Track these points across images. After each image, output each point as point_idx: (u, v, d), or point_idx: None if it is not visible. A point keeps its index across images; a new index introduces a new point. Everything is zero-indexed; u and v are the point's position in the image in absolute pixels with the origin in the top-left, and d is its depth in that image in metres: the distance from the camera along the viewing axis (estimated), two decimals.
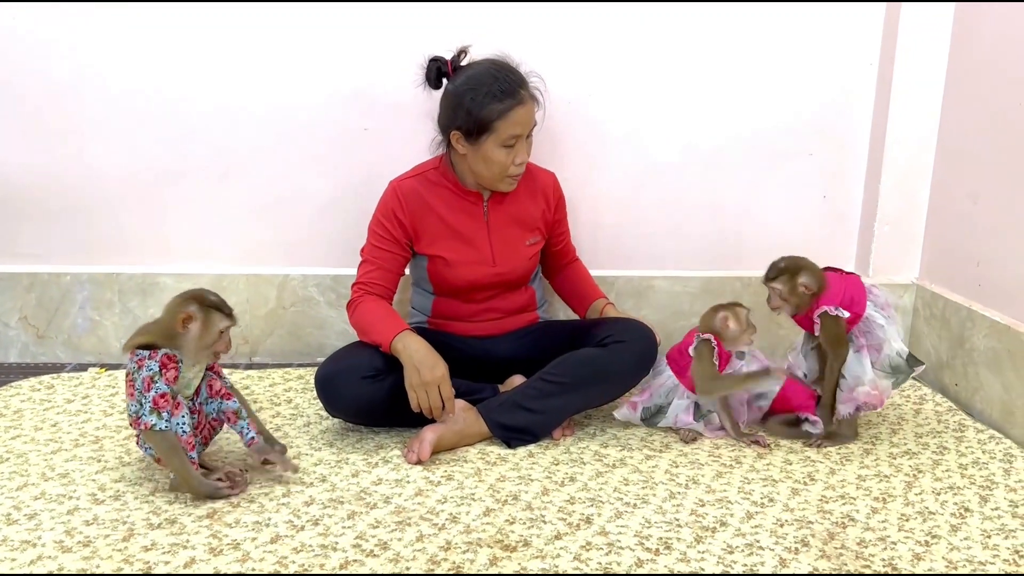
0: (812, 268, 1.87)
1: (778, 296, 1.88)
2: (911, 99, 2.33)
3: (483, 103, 1.83)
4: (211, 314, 1.62)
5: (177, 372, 1.59)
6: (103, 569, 1.39)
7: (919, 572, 1.43)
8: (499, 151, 1.87)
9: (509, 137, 1.86)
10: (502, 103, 1.83)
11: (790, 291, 1.86)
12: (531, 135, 1.92)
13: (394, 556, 1.44)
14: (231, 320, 1.66)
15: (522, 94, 1.86)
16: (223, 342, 1.65)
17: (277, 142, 2.32)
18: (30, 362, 2.39)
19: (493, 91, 1.83)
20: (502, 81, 1.85)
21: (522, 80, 1.88)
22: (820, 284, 1.85)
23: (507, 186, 1.95)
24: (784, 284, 1.87)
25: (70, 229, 2.35)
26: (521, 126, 1.86)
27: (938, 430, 2.02)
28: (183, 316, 1.60)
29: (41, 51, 2.23)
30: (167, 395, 1.56)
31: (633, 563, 1.44)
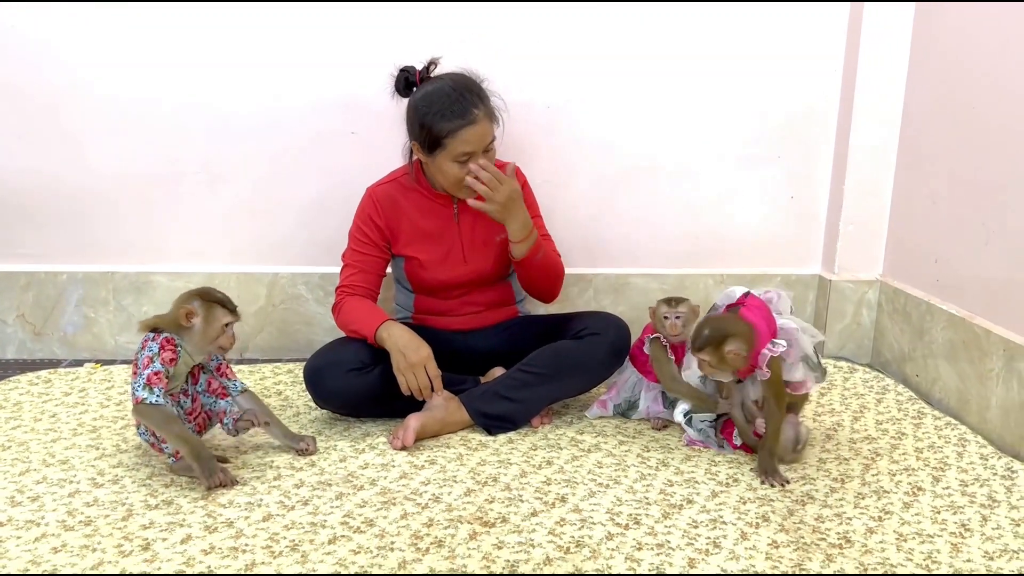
0: (735, 329, 1.72)
1: (707, 367, 1.76)
2: (874, 105, 2.44)
3: (435, 121, 1.91)
4: (213, 309, 1.72)
5: (175, 356, 1.68)
6: (104, 545, 1.47)
7: (870, 544, 1.53)
8: (452, 165, 1.95)
9: (460, 154, 1.93)
10: (451, 123, 1.90)
11: (719, 360, 1.73)
12: (491, 150, 1.97)
13: (380, 532, 1.53)
14: (234, 315, 1.75)
15: (474, 114, 1.91)
16: (227, 336, 1.75)
17: (266, 146, 2.41)
18: (27, 358, 2.46)
19: (444, 111, 1.91)
20: (455, 101, 1.91)
21: (476, 100, 1.93)
22: (748, 342, 1.72)
23: (467, 194, 2.01)
24: (711, 355, 1.74)
25: (66, 229, 2.43)
26: (472, 144, 1.92)
27: (898, 417, 2.12)
28: (185, 311, 1.70)
29: (37, 57, 2.31)
30: (161, 374, 1.66)
31: (604, 536, 1.53)
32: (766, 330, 1.75)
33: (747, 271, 2.59)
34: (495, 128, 1.98)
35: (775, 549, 1.50)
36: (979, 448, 1.94)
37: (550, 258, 2.12)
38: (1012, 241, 2.00)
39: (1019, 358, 1.92)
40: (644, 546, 1.50)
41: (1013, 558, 1.50)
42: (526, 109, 2.42)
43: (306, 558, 1.44)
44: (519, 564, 1.44)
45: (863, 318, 2.56)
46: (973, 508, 1.67)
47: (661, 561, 1.46)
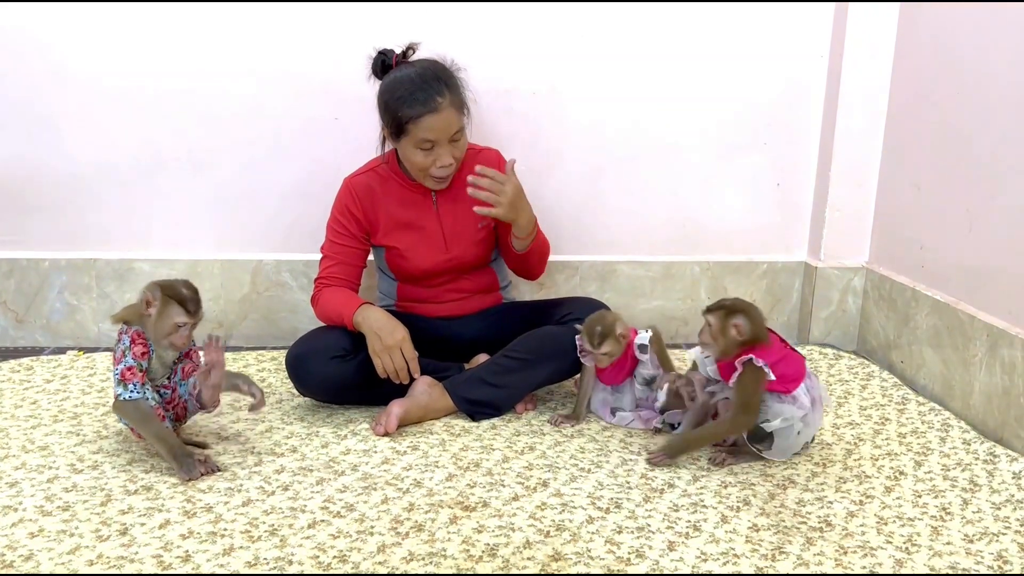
0: (755, 316, 1.72)
1: (707, 332, 1.74)
2: (860, 92, 2.44)
3: (399, 106, 1.91)
4: (169, 305, 1.66)
5: (146, 349, 1.67)
6: (82, 530, 1.46)
7: (851, 527, 1.53)
8: (416, 152, 1.95)
9: (422, 141, 1.92)
10: (413, 109, 1.89)
11: (720, 329, 1.71)
12: (459, 139, 1.97)
13: (360, 516, 1.53)
14: (190, 317, 1.67)
15: (437, 103, 1.90)
16: (179, 336, 1.67)
17: (248, 132, 2.39)
18: (9, 346, 2.45)
19: (407, 97, 1.90)
20: (419, 88, 1.90)
21: (442, 89, 1.91)
22: (755, 333, 1.70)
23: (433, 184, 2.01)
24: (718, 319, 1.72)
25: (48, 216, 2.41)
26: (435, 132, 1.91)
27: (882, 403, 2.13)
28: (145, 299, 1.68)
29: (17, 44, 2.29)
30: (134, 368, 1.64)
31: (584, 520, 1.53)
32: (773, 360, 1.69)
33: (733, 258, 2.59)
34: (462, 118, 1.96)
35: (755, 532, 1.50)
36: (962, 433, 1.94)
37: (543, 242, 2.12)
38: (995, 228, 2.00)
39: (1002, 344, 1.93)
40: (624, 529, 1.50)
41: (992, 541, 1.50)
42: (511, 96, 2.41)
43: (285, 542, 1.44)
44: (499, 547, 1.44)
45: (848, 305, 2.56)
46: (954, 492, 1.67)
47: (641, 544, 1.46)
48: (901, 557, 1.44)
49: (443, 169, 1.97)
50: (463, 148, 2.00)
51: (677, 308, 2.60)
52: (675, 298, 2.60)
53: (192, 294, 1.70)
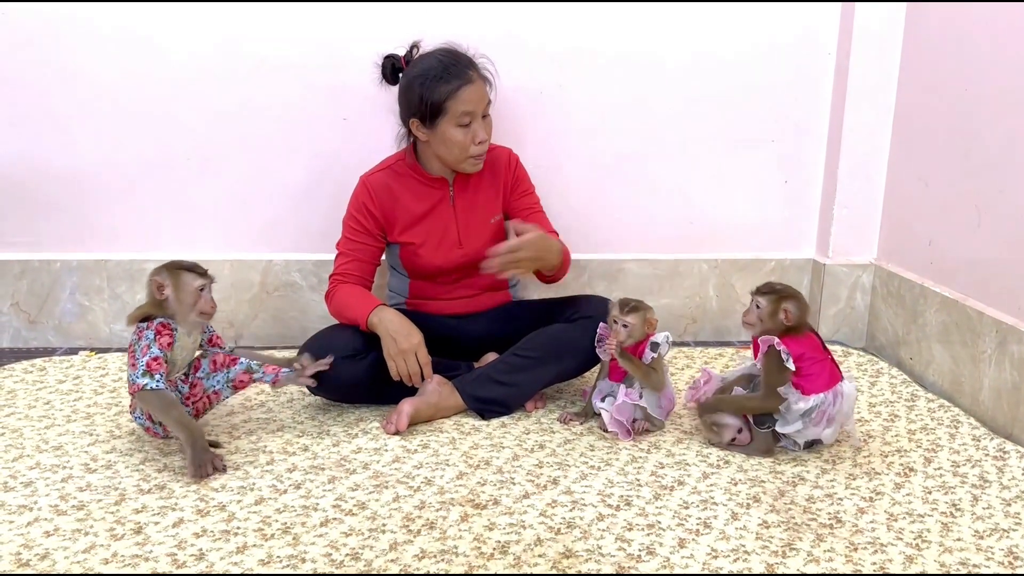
0: (802, 304, 1.79)
1: (755, 313, 1.80)
2: (867, 88, 2.44)
3: (433, 87, 1.94)
4: (181, 276, 1.71)
5: (171, 339, 1.69)
6: (96, 529, 1.48)
7: (861, 524, 1.54)
8: (456, 131, 1.97)
9: (462, 115, 1.95)
10: (450, 84, 1.93)
11: (770, 313, 1.77)
12: (488, 115, 2.01)
13: (371, 515, 1.54)
14: (204, 278, 1.72)
15: (470, 74, 1.95)
16: (204, 301, 1.72)
17: (258, 132, 2.40)
18: (22, 347, 2.47)
19: (441, 75, 1.94)
20: (449, 65, 1.95)
21: (469, 62, 1.98)
22: (800, 321, 1.77)
23: (471, 166, 2.03)
24: (769, 303, 1.78)
25: (59, 217, 2.43)
26: (472, 103, 1.95)
27: (891, 400, 2.13)
28: (155, 284, 1.71)
29: (29, 44, 2.30)
30: (160, 359, 1.66)
31: (595, 517, 1.54)
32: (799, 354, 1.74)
33: (741, 256, 2.60)
34: (489, 92, 2.00)
35: (766, 529, 1.51)
36: (971, 429, 1.94)
37: (566, 260, 2.10)
38: (1004, 223, 1.99)
39: (1011, 340, 1.92)
40: (635, 527, 1.51)
41: (1003, 537, 1.50)
42: (519, 94, 2.42)
43: (297, 540, 1.45)
44: (510, 545, 1.44)
45: (857, 302, 2.56)
46: (964, 488, 1.68)
47: (651, 541, 1.46)
48: (912, 553, 1.45)
49: (481, 145, 2.00)
50: (491, 126, 2.03)
51: (685, 306, 2.60)
52: (683, 296, 2.60)
53: (190, 262, 1.74)
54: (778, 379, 1.76)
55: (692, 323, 2.61)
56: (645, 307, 1.91)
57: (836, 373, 1.80)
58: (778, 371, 1.75)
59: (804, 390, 1.76)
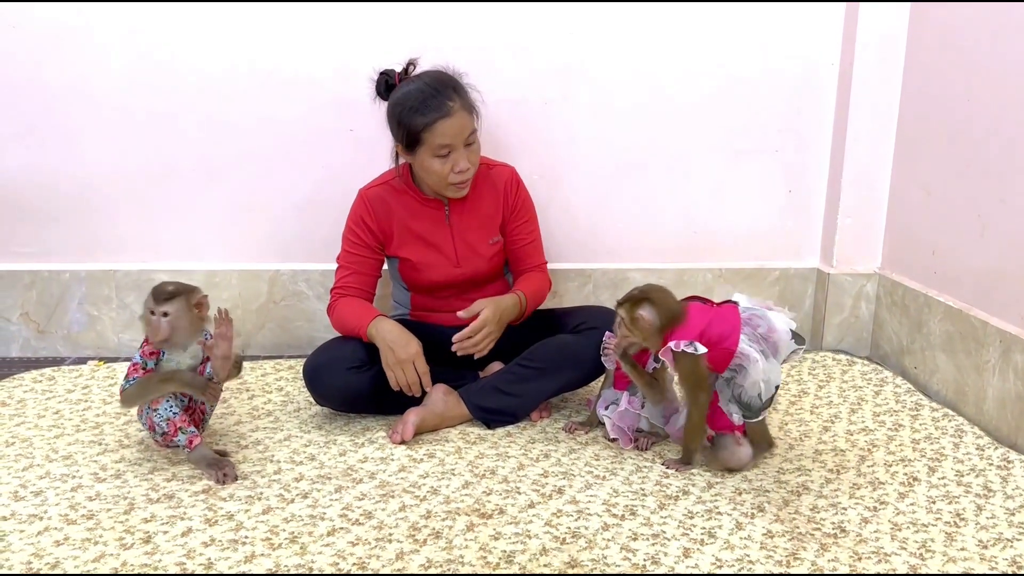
0: (660, 300, 1.73)
1: (620, 324, 1.77)
2: (870, 97, 2.45)
3: (410, 117, 1.93)
4: (146, 298, 1.74)
5: (155, 351, 1.74)
6: (106, 538, 1.49)
7: (865, 533, 1.54)
8: (434, 161, 1.96)
9: (439, 147, 1.94)
10: (426, 116, 1.92)
11: (631, 321, 1.73)
12: (473, 142, 1.99)
13: (378, 524, 1.55)
14: (154, 303, 1.71)
15: (449, 106, 1.92)
16: (150, 325, 1.72)
17: (264, 144, 2.42)
18: (31, 356, 2.49)
19: (417, 106, 1.93)
20: (429, 96, 1.93)
21: (451, 94, 1.94)
22: (666, 317, 1.72)
23: (454, 192, 2.03)
24: (626, 312, 1.74)
25: (68, 228, 2.45)
26: (449, 137, 1.93)
27: (895, 409, 2.13)
28: None
29: (37, 56, 2.33)
30: (138, 364, 1.74)
31: (600, 527, 1.55)
32: (698, 332, 1.70)
33: (745, 265, 2.61)
34: (474, 121, 1.99)
35: (770, 539, 1.52)
36: (975, 439, 1.95)
37: (538, 298, 2.16)
38: (1008, 232, 2.00)
39: (1015, 349, 1.93)
40: (640, 536, 1.52)
41: (1007, 546, 1.51)
42: (522, 105, 2.44)
43: (305, 550, 1.46)
44: (515, 554, 1.46)
45: (861, 311, 2.57)
46: (968, 498, 1.68)
47: (656, 551, 1.47)
48: (915, 563, 1.45)
49: (461, 175, 1.99)
50: (477, 152, 2.02)
51: None
52: None
53: (173, 287, 1.73)
54: (699, 374, 1.71)
55: None
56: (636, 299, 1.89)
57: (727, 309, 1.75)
58: (693, 369, 1.70)
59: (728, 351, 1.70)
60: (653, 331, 1.72)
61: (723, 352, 1.71)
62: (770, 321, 1.74)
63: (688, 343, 1.68)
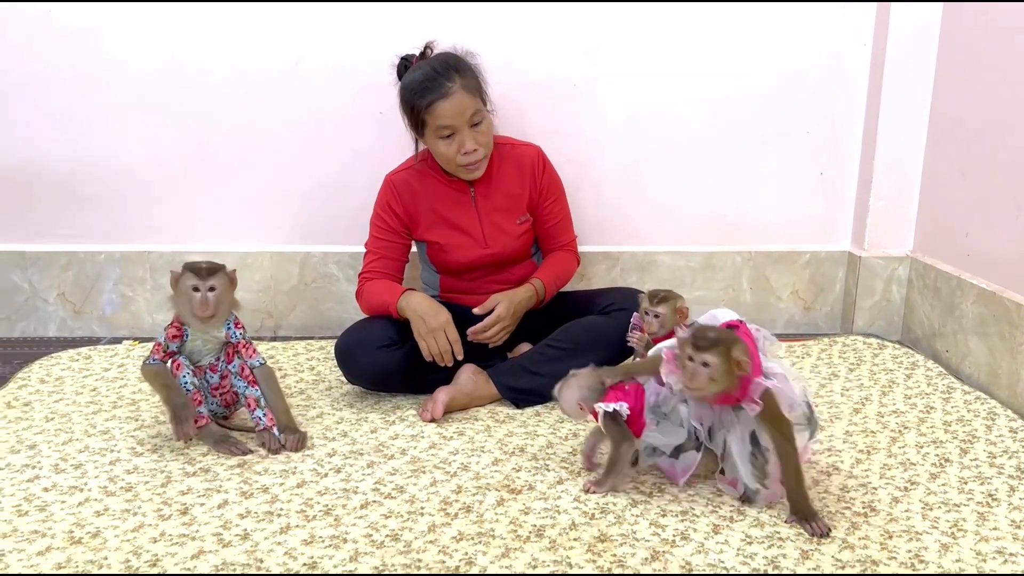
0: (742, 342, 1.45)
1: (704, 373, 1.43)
2: (904, 79, 2.42)
3: (412, 100, 1.96)
4: (182, 275, 1.75)
5: (178, 333, 1.77)
6: (144, 509, 1.53)
7: (895, 512, 1.54)
8: (439, 143, 1.99)
9: (440, 128, 1.96)
10: (425, 98, 1.94)
11: (725, 368, 1.42)
12: (479, 124, 1.98)
13: (410, 498, 1.57)
14: (199, 280, 1.72)
15: (447, 87, 1.93)
16: (195, 301, 1.73)
17: (295, 128, 2.45)
18: (68, 336, 2.54)
19: (418, 88, 1.95)
20: (429, 77, 1.94)
21: (452, 75, 1.94)
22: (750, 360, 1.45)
23: (466, 174, 2.04)
24: (719, 358, 1.42)
25: (104, 211, 2.49)
26: (449, 118, 1.94)
27: (927, 392, 2.12)
28: (171, 279, 1.77)
29: (74, 42, 2.37)
30: (160, 345, 1.76)
31: (628, 503, 1.56)
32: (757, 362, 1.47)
33: (775, 248, 2.59)
34: (477, 101, 1.98)
35: None
36: (1009, 421, 1.93)
37: (561, 280, 2.19)
38: None
39: None
40: (668, 512, 1.52)
41: None
42: (552, 87, 2.44)
43: (339, 522, 1.49)
44: (545, 528, 1.47)
45: (893, 294, 2.54)
46: (1001, 479, 1.67)
47: (686, 527, 1.48)
48: (947, 542, 1.45)
49: (468, 156, 1.99)
50: (487, 132, 2.02)
51: (719, 299, 2.61)
52: (717, 288, 2.60)
53: (208, 265, 1.75)
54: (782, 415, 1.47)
55: None
56: (675, 296, 1.91)
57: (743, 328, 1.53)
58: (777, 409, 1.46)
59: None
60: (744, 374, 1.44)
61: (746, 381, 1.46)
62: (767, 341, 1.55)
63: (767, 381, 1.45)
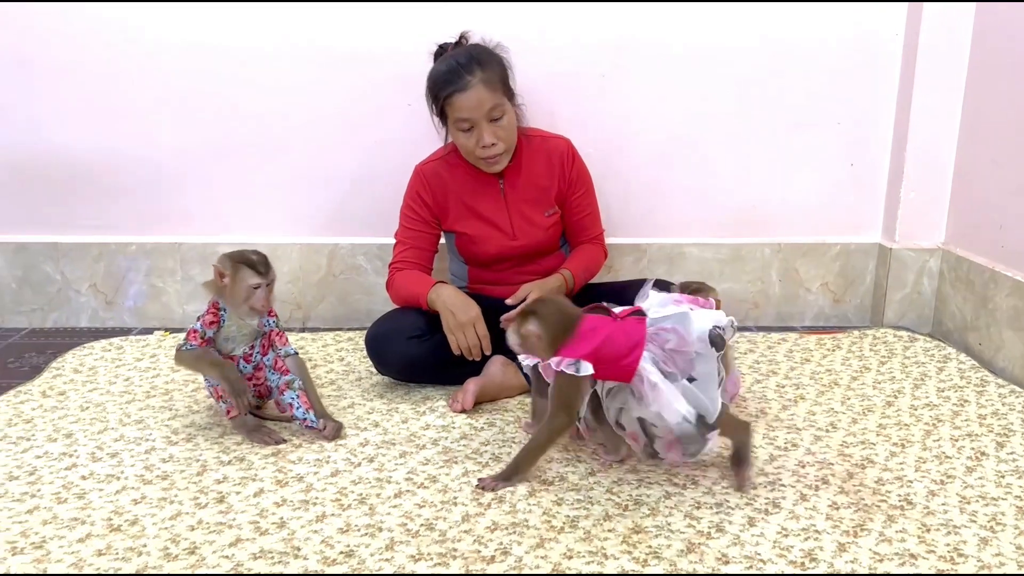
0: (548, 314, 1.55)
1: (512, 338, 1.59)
2: (936, 68, 2.39)
3: (435, 91, 1.97)
4: (240, 270, 1.75)
5: (215, 319, 1.76)
6: (181, 498, 1.54)
7: (932, 506, 1.53)
8: (460, 135, 1.99)
9: (459, 121, 1.96)
10: (445, 90, 1.94)
11: (515, 334, 1.57)
12: (499, 119, 1.96)
13: (443, 487, 1.58)
14: (261, 277, 1.75)
15: (466, 80, 1.92)
16: (256, 298, 1.75)
17: (325, 119, 2.45)
18: (99, 326, 2.56)
19: (440, 79, 1.96)
20: (452, 69, 1.94)
21: (473, 67, 1.92)
22: (554, 333, 1.54)
23: (486, 167, 2.04)
24: (512, 325, 1.58)
25: (134, 203, 2.51)
26: (467, 111, 1.93)
27: (960, 385, 2.10)
28: (217, 271, 1.76)
29: (104, 35, 2.38)
30: (197, 332, 1.76)
31: (662, 495, 1.55)
32: (590, 349, 1.50)
33: (804, 240, 2.57)
34: (498, 95, 1.95)
35: (835, 511, 1.51)
36: None
37: (590, 272, 2.18)
38: None
39: None
40: (703, 505, 1.52)
41: None
42: (578, 79, 2.43)
43: (374, 511, 1.49)
44: (579, 519, 1.47)
45: (924, 287, 2.52)
46: None
47: (720, 519, 1.47)
48: (986, 536, 1.43)
49: (486, 149, 1.98)
50: (508, 127, 2.00)
51: (747, 291, 2.59)
52: (745, 280, 2.59)
53: (260, 257, 1.77)
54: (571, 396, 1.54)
55: (754, 308, 2.60)
56: (708, 288, 1.91)
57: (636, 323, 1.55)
58: (568, 389, 1.53)
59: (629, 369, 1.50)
60: (543, 346, 1.55)
61: (623, 369, 1.51)
62: (681, 333, 1.51)
63: (572, 362, 1.49)
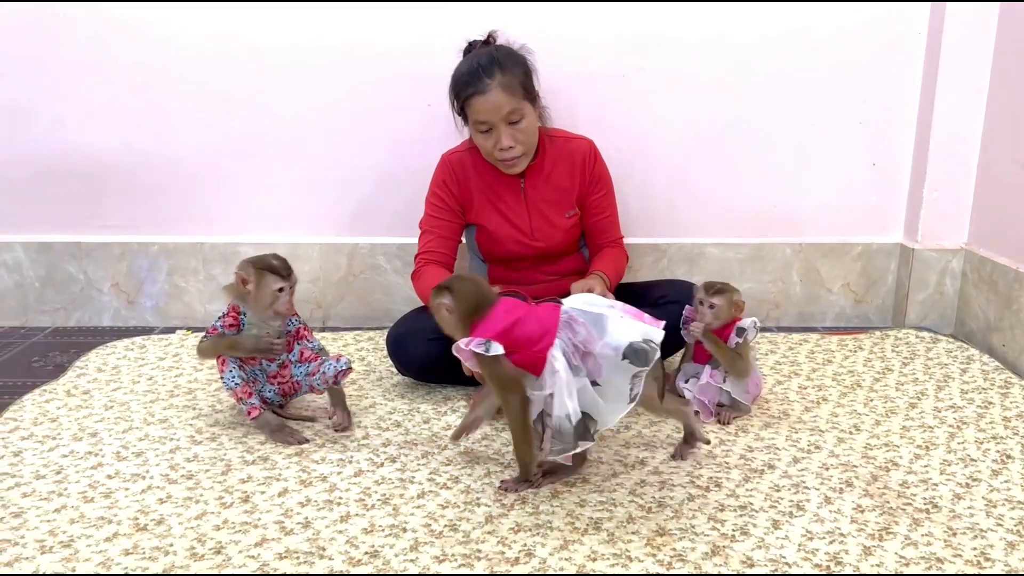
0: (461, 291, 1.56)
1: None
2: (960, 67, 2.37)
3: (457, 90, 1.98)
4: (264, 276, 1.75)
5: (235, 322, 1.78)
6: (206, 497, 1.55)
7: (958, 509, 1.51)
8: (478, 135, 1.99)
9: (476, 123, 1.96)
10: (464, 91, 1.94)
11: (435, 309, 1.58)
12: (518, 122, 1.95)
13: (465, 488, 1.58)
14: (285, 281, 1.76)
15: (485, 84, 1.91)
16: (281, 302, 1.77)
17: (346, 120, 2.46)
18: (122, 326, 2.58)
19: (461, 80, 1.96)
20: (473, 70, 1.93)
21: (494, 71, 1.92)
22: (464, 311, 1.55)
23: (504, 168, 2.04)
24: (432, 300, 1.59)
25: (157, 202, 2.53)
26: (485, 114, 1.93)
27: (984, 387, 2.08)
28: (239, 277, 1.77)
29: (127, 35, 2.40)
30: (216, 330, 1.79)
31: (685, 497, 1.55)
32: (498, 330, 1.50)
33: (826, 240, 2.56)
34: (518, 100, 1.94)
35: (860, 513, 1.50)
36: None
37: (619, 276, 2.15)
38: None
39: None
40: (727, 507, 1.52)
41: None
42: (599, 79, 2.43)
43: (397, 511, 1.50)
44: (602, 521, 1.47)
45: (946, 288, 2.50)
46: None
47: (744, 522, 1.47)
48: (1014, 540, 1.42)
49: (504, 152, 1.98)
50: (527, 131, 1.99)
51: (768, 291, 2.58)
52: (766, 281, 2.58)
53: (281, 262, 1.78)
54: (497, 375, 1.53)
55: (775, 308, 2.59)
56: (732, 289, 1.90)
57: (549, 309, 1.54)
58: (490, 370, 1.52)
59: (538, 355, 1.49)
60: (455, 323, 1.56)
61: (535, 356, 1.49)
62: (594, 331, 1.48)
63: (481, 342, 1.48)
